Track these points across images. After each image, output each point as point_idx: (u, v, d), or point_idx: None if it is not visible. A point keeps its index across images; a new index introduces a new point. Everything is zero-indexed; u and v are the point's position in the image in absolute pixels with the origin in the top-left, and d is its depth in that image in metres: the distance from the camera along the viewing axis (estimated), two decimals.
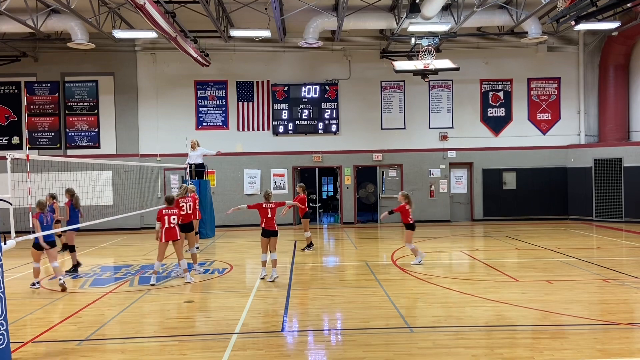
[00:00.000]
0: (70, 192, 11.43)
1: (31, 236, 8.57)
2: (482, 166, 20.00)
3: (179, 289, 9.43)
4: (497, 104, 20.05)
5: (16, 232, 6.74)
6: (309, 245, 13.62)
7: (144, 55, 19.39)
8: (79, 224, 11.10)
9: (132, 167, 18.10)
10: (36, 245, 9.31)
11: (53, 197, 11.48)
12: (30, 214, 8.59)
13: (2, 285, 5.74)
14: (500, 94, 20.06)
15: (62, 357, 5.93)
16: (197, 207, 12.83)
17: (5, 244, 6.09)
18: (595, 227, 17.74)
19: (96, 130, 19.43)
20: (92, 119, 19.42)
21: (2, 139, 19.27)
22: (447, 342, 6.20)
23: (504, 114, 20.08)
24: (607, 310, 7.49)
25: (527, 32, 16.41)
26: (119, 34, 15.77)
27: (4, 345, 5.67)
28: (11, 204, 6.13)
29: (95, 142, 19.40)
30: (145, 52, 19.33)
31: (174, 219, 9.81)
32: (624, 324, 6.74)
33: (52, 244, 9.40)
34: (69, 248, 11.49)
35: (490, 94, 20.07)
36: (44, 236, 9.08)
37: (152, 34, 15.57)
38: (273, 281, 9.72)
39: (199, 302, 8.55)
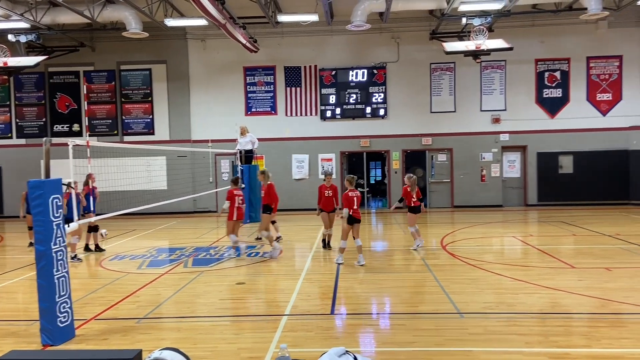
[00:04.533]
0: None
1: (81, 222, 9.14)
2: (537, 149, 19.29)
3: (230, 271, 9.69)
4: (554, 85, 19.21)
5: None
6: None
7: (194, 43, 19.78)
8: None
9: (184, 152, 18.63)
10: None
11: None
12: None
13: (65, 265, 6.09)
14: (557, 74, 19.20)
15: (123, 334, 6.23)
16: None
17: (68, 226, 6.43)
18: None
19: (150, 117, 20.08)
20: (147, 106, 20.07)
21: (63, 127, 20.24)
22: (499, 328, 6.09)
23: (560, 95, 19.23)
24: None
25: (586, 8, 15.54)
26: (170, 22, 16.15)
27: (68, 322, 6.03)
28: (74, 188, 6.45)
29: (149, 129, 20.06)
30: (196, 39, 19.71)
31: (241, 200, 10.82)
32: None
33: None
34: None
35: (546, 74, 19.24)
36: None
37: (202, 22, 15.85)
38: (362, 265, 9.63)
39: (250, 284, 8.76)
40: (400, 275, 8.96)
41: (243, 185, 15.72)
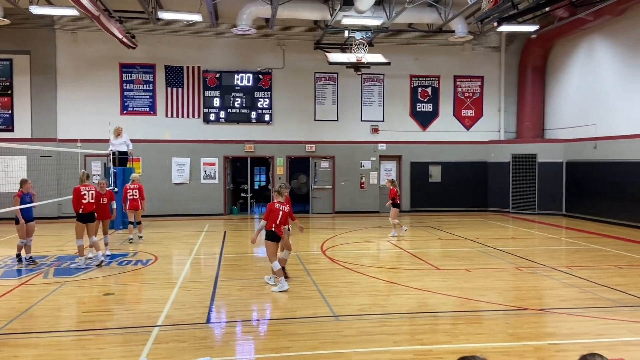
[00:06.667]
0: None
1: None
2: (411, 159, 20.62)
3: (98, 281, 9.01)
4: (426, 100, 20.71)
5: None
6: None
7: (64, 34, 18.21)
8: None
9: (49, 152, 17.01)
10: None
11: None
12: None
13: None
14: (429, 89, 20.73)
15: None
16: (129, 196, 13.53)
17: None
18: (511, 218, 18.85)
19: (9, 112, 18.06)
20: (5, 100, 18.02)
21: None
22: (371, 329, 6.35)
23: (431, 110, 20.77)
24: (519, 296, 7.98)
25: (454, 31, 17.02)
26: (36, 10, 14.72)
27: None
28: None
29: (8, 125, 18.03)
30: (65, 30, 18.16)
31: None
32: (534, 310, 7.21)
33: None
34: None
35: (419, 89, 20.68)
36: (23, 212, 10.13)
37: (72, 12, 14.64)
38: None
39: (120, 294, 8.22)
40: None
41: (116, 189, 14.80)
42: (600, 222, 16.85)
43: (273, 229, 8.39)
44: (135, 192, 13.36)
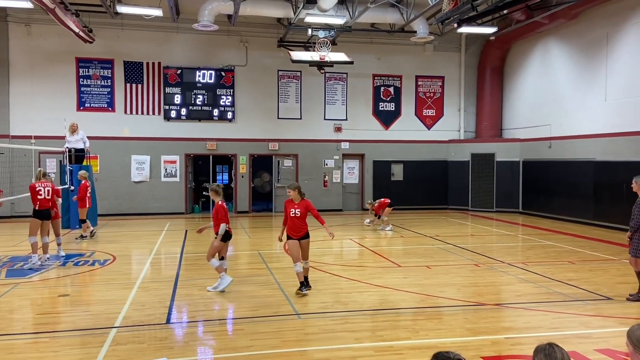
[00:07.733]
0: None
1: None
2: (373, 158, 20.81)
3: (52, 283, 8.72)
4: (388, 99, 20.95)
5: None
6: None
7: (17, 27, 17.50)
8: None
9: (1, 149, 16.31)
10: None
11: None
12: None
13: None
14: (391, 89, 20.97)
15: None
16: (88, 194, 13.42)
17: None
18: (470, 216, 19.30)
19: None
20: None
21: None
22: (333, 327, 6.39)
23: (393, 109, 21.02)
24: (477, 292, 8.19)
25: (415, 32, 17.27)
26: None
27: None
28: None
29: None
30: (18, 23, 17.45)
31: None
32: (491, 305, 7.42)
33: None
34: None
35: (382, 88, 20.89)
36: None
37: (26, 4, 14.05)
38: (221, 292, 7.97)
39: (76, 295, 7.98)
40: (242, 280, 8.91)
41: (72, 187, 14.36)
42: (554, 219, 17.47)
43: (228, 229, 8.12)
44: (91, 188, 13.69)
